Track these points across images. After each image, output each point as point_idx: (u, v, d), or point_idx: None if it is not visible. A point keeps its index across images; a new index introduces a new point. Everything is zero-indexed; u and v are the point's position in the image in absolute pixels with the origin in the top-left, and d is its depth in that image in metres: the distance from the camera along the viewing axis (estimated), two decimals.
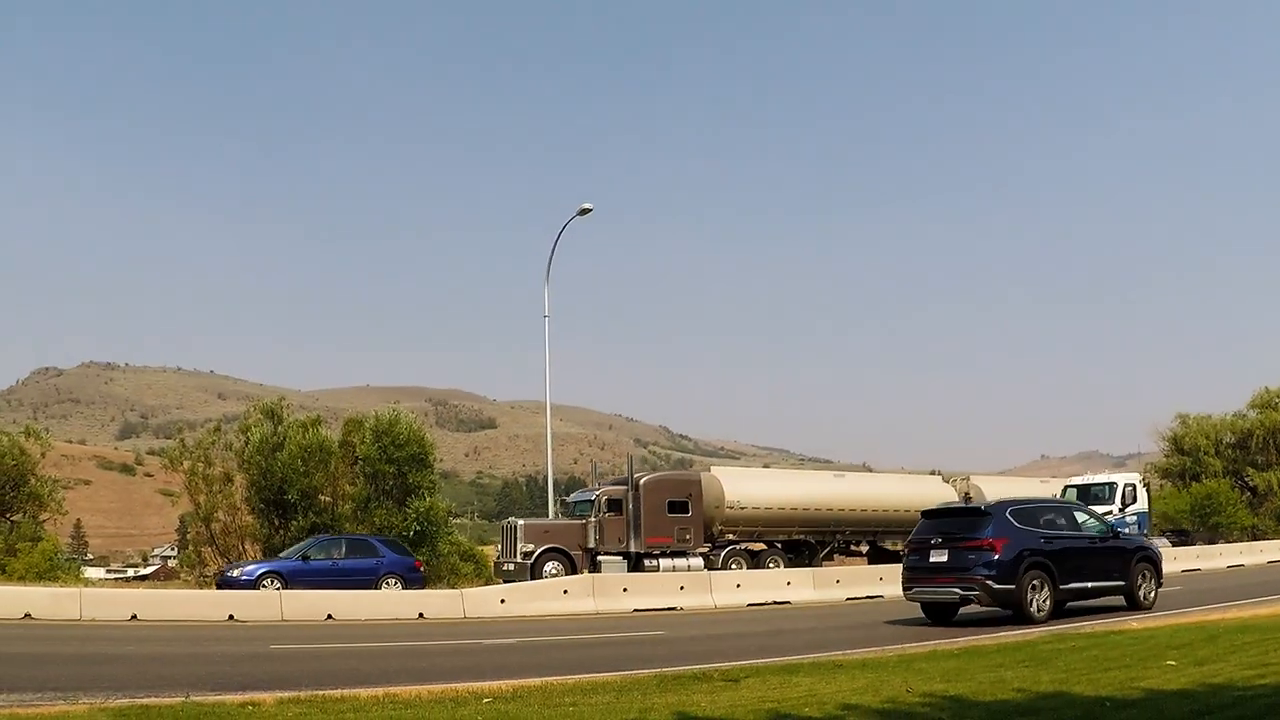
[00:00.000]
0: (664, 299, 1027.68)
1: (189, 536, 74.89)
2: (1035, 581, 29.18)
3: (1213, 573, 54.47)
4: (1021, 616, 28.83)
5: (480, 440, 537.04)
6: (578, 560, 45.56)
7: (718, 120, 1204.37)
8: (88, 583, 40.96)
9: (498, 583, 44.04)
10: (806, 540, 52.55)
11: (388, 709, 15.79)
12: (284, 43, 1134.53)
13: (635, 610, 37.45)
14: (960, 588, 29.20)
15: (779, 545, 51.68)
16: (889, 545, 54.99)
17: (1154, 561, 32.40)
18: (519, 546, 45.30)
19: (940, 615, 30.75)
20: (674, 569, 45.14)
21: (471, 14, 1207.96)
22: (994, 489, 57.22)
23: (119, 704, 16.03)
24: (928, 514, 31.86)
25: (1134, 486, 61.15)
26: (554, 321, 55.42)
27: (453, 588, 41.46)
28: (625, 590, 38.97)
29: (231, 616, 32.47)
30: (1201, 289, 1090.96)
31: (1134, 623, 28.23)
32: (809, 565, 49.24)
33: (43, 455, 58.63)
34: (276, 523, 52.35)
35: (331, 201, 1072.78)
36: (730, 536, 49.84)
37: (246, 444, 56.95)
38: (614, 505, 47.00)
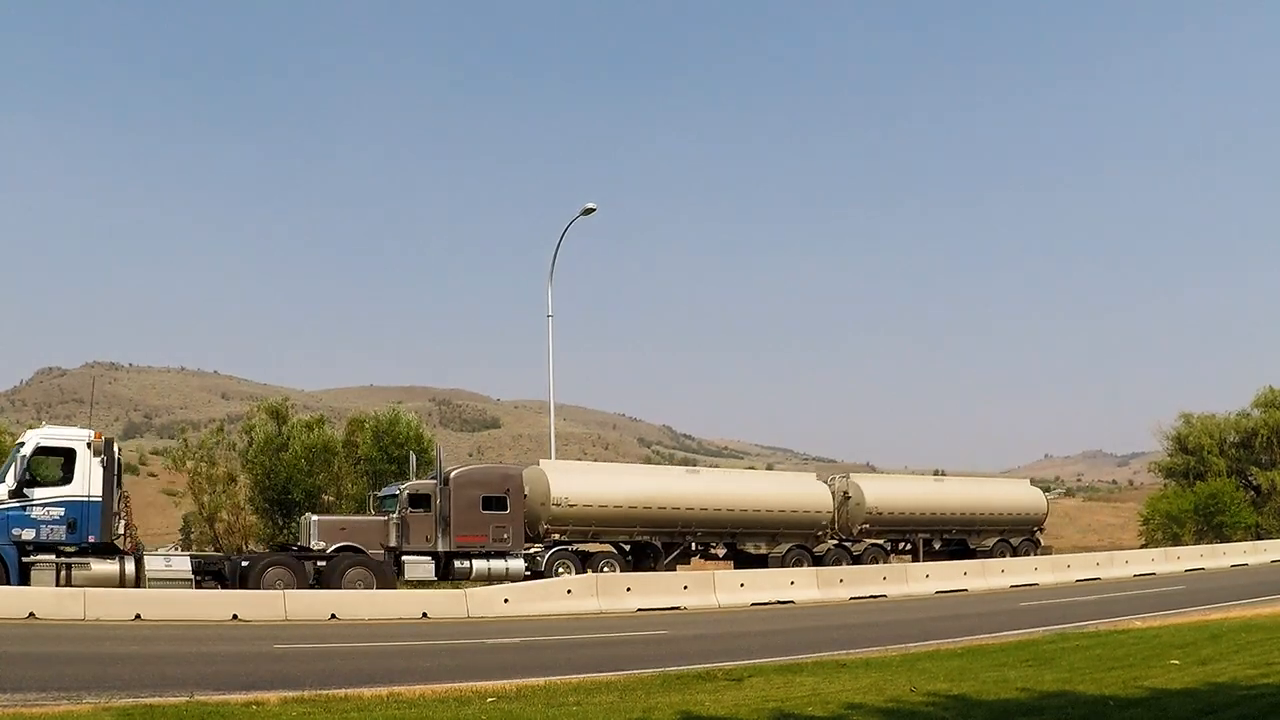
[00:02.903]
0: (667, 298, 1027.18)
1: (193, 536, 74.99)
2: None
3: (1216, 572, 54.49)
4: None
5: (484, 440, 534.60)
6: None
7: (721, 122, 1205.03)
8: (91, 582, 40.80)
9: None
10: (651, 542, 48.66)
11: (392, 708, 15.81)
12: (289, 46, 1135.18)
13: (639, 610, 37.37)
14: None
15: (626, 546, 48.88)
16: (751, 548, 51.24)
17: None
18: (312, 545, 41.76)
19: None
20: (489, 571, 42.94)
21: (478, 16, 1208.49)
22: (874, 488, 55.74)
23: (123, 703, 16.06)
24: None
25: (66, 454, 36.79)
26: (557, 321, 54.98)
27: (456, 587, 41.17)
28: (629, 590, 38.86)
29: (235, 616, 32.37)
30: (1207, 288, 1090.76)
31: (1138, 622, 28.28)
32: (653, 569, 46.97)
33: None
34: (280, 522, 52.42)
35: (335, 202, 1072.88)
36: (557, 536, 46.32)
37: (250, 444, 57.08)
38: (420, 501, 43.38)
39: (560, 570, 44.19)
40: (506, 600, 36.77)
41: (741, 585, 41.55)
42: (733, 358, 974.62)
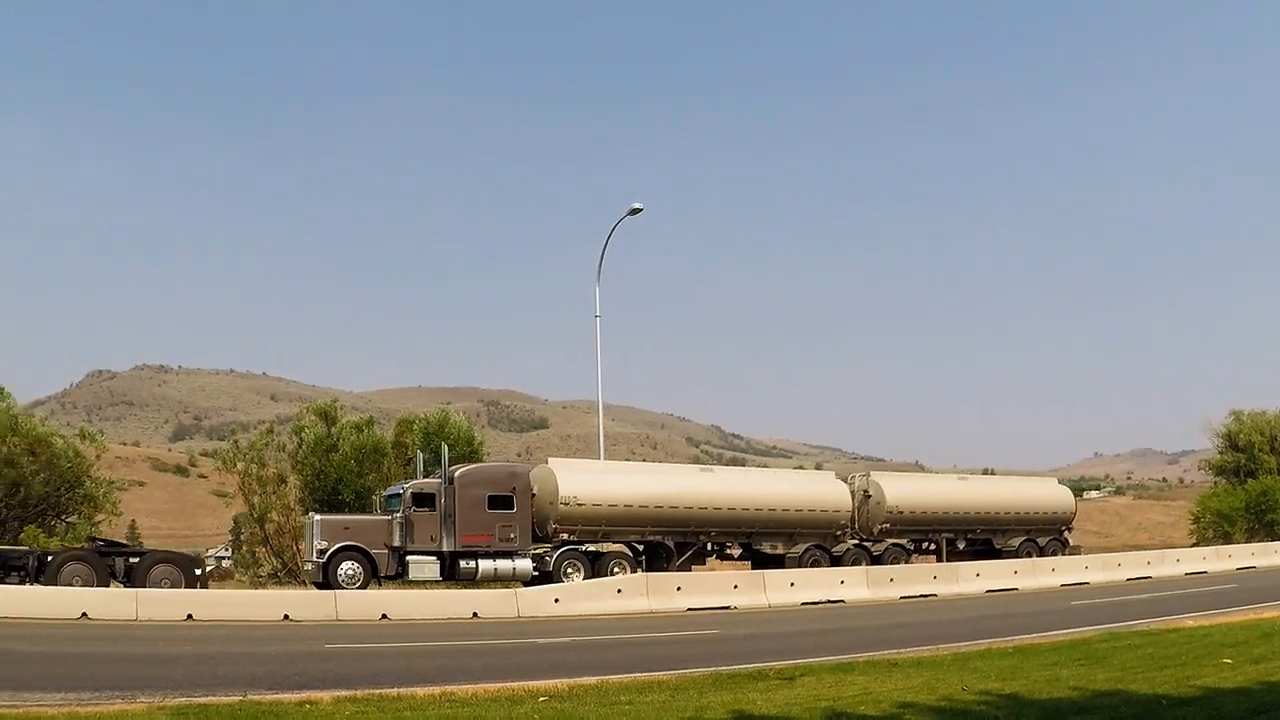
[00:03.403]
0: (715, 298, 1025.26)
1: (243, 537, 75.30)
2: None
3: (1268, 570, 54.15)
4: None
5: (533, 440, 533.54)
6: (380, 560, 41.70)
7: (769, 119, 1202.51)
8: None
9: (304, 585, 42.44)
10: (664, 542, 47.26)
11: (445, 707, 15.86)
12: (334, 39, 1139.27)
13: (689, 609, 37.40)
14: None
15: (639, 547, 47.43)
16: (767, 548, 49.53)
17: None
18: (315, 544, 41.68)
19: None
20: (495, 572, 42.65)
21: (529, 12, 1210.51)
22: (895, 487, 54.41)
23: (177, 703, 16.16)
24: None
25: None
26: (605, 321, 55.10)
27: (506, 587, 41.17)
28: (679, 589, 38.89)
29: (287, 616, 32.57)
30: (1257, 282, 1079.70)
31: (1190, 621, 28.15)
32: (666, 569, 45.78)
33: (97, 457, 59.12)
34: None
35: (383, 202, 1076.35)
36: (566, 536, 44.94)
37: (300, 445, 57.34)
38: (424, 500, 42.82)
39: (569, 571, 43.48)
40: (557, 600, 36.88)
41: (792, 584, 41.50)
42: (782, 357, 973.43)
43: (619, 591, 38.08)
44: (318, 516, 42.99)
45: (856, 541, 51.61)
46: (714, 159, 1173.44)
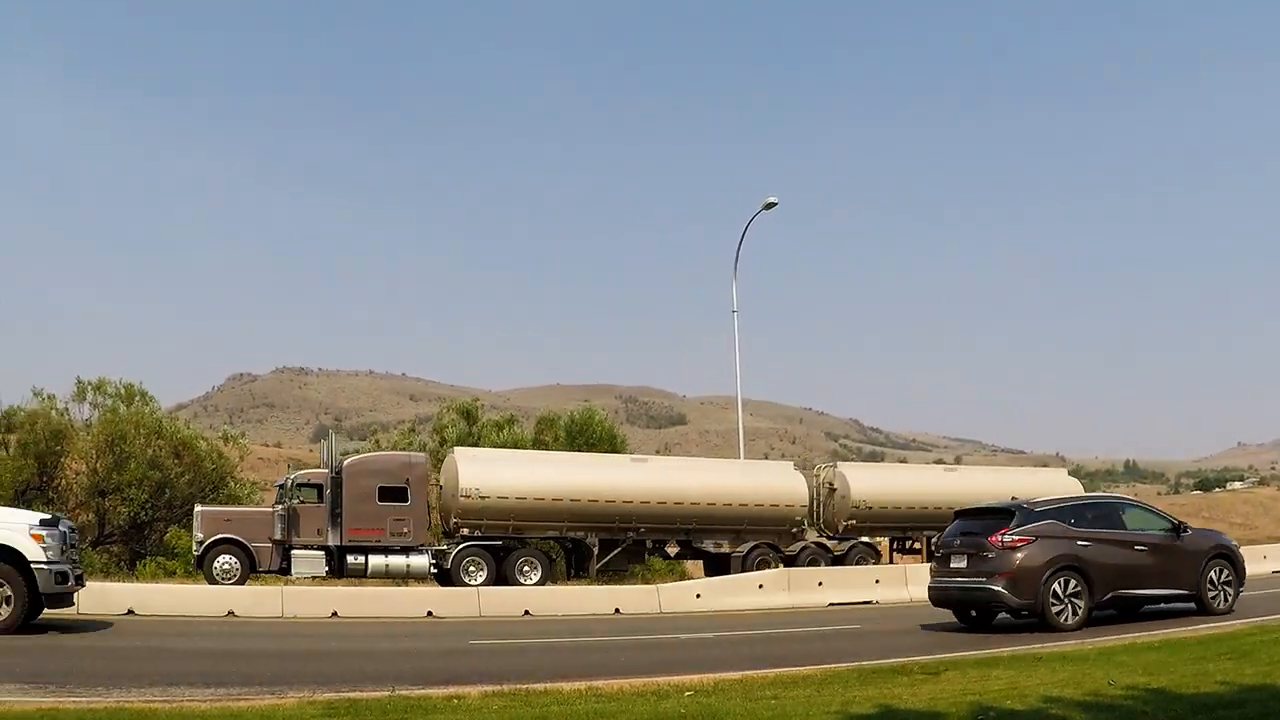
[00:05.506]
0: (854, 290, 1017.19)
1: None
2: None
3: None
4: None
5: (671, 436, 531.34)
6: (260, 554, 40.31)
7: (906, 109, 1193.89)
8: (288, 581, 41.41)
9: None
10: (585, 540, 44.54)
11: (591, 702, 15.93)
12: (468, 40, 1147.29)
13: (830, 604, 37.35)
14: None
15: (566, 543, 45.86)
16: (710, 546, 46.35)
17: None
18: (195, 536, 40.40)
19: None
20: (387, 568, 40.90)
21: (652, 8, 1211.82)
22: (863, 479, 50.70)
23: (326, 697, 16.35)
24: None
25: None
26: (743, 315, 54.99)
27: (647, 583, 41.09)
28: (820, 584, 38.80)
29: (430, 613, 32.94)
30: None
31: None
32: (587, 568, 44.45)
33: (241, 459, 60.17)
34: None
35: (520, 202, 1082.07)
36: (467, 531, 42.54)
37: (442, 444, 57.81)
38: (310, 491, 41.26)
39: (471, 569, 41.72)
40: (698, 595, 37.05)
41: None
42: (922, 348, 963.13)
43: (760, 587, 38.12)
44: (200, 507, 42.07)
45: (816, 540, 48.33)
46: (848, 152, 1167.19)
